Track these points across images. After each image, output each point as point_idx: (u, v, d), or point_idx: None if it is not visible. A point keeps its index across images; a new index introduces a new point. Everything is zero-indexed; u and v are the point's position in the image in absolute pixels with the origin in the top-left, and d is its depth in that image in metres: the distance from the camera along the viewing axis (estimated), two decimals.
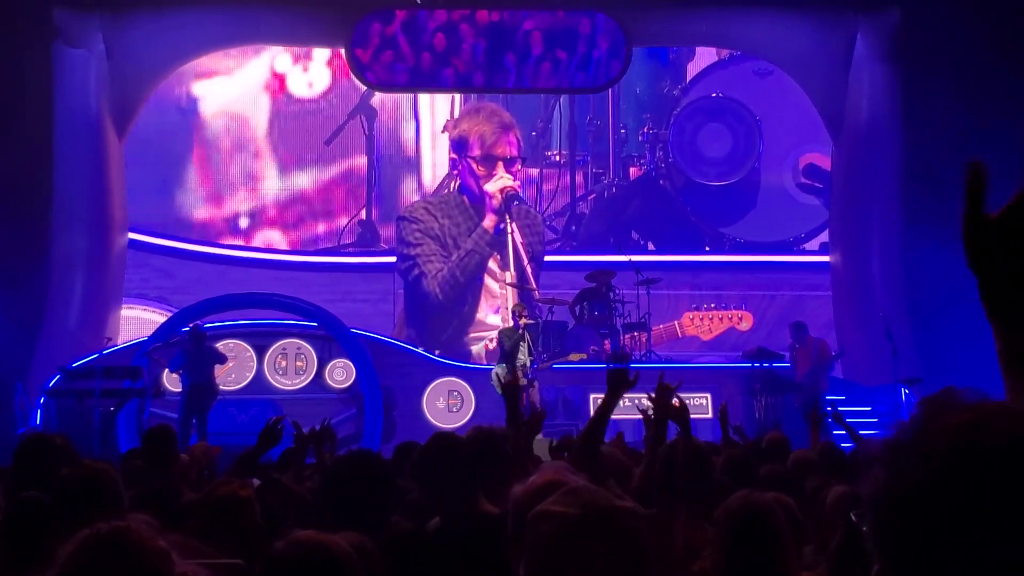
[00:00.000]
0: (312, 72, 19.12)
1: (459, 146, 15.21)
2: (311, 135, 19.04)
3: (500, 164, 14.90)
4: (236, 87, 19.03)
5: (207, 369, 12.63)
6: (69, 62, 14.24)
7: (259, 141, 19.19)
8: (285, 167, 19.20)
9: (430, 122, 19.28)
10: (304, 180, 19.18)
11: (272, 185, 19.20)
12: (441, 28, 14.66)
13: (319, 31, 15.44)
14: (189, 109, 18.98)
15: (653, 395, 5.57)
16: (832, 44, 14.90)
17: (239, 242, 18.68)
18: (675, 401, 5.69)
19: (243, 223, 19.15)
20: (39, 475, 4.79)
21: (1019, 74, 13.85)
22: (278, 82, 19.17)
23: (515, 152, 15.13)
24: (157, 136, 18.28)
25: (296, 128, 19.12)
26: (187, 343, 12.68)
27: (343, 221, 18.91)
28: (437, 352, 14.19)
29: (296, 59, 19.09)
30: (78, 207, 14.37)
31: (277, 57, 19.05)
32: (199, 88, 18.94)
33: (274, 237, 19.11)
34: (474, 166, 14.95)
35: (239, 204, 19.22)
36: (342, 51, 15.46)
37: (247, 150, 19.21)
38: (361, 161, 18.79)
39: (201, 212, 19.09)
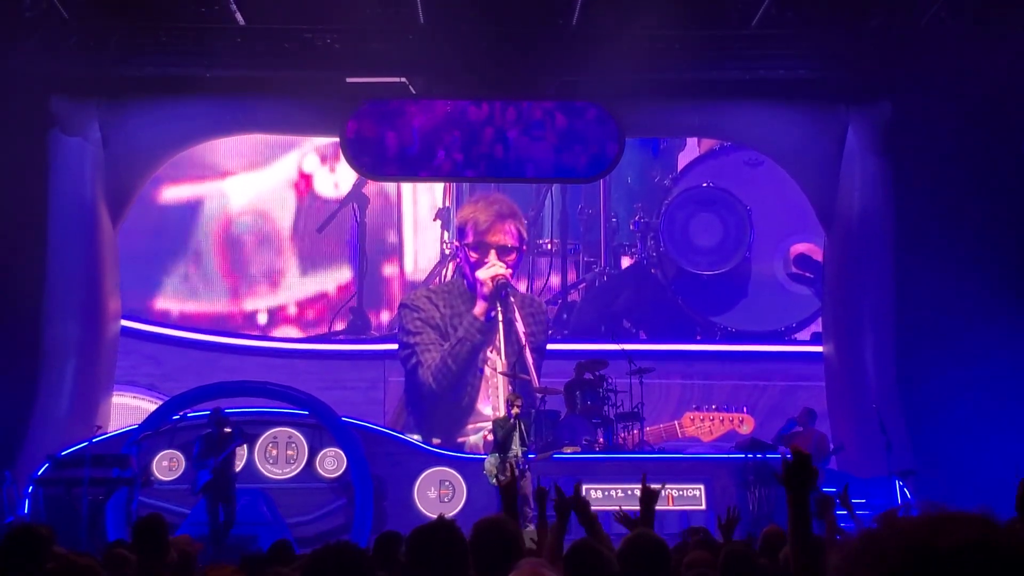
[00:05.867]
0: (338, 173, 19.14)
1: (458, 233, 15.35)
2: (333, 234, 19.05)
3: (493, 252, 14.87)
4: (263, 184, 19.13)
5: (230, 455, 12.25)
6: (65, 149, 14.28)
7: (283, 240, 19.21)
8: (306, 265, 19.18)
9: (412, 209, 19.30)
10: (324, 278, 19.16)
11: (293, 282, 19.17)
12: (434, 118, 14.72)
13: (314, 121, 15.53)
14: (214, 205, 19.03)
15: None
16: (824, 136, 15.01)
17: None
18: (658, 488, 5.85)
19: (262, 319, 19.08)
20: (24, 566, 4.71)
21: (1010, 165, 13.95)
22: (305, 181, 19.28)
23: (512, 242, 15.08)
24: (180, 230, 18.39)
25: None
26: (210, 430, 12.22)
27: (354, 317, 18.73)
28: (436, 441, 14.08)
29: (323, 159, 19.23)
30: (71, 295, 14.33)
31: (306, 157, 19.19)
32: (225, 184, 19.04)
33: (293, 335, 18.93)
34: (468, 252, 14.99)
35: (259, 301, 19.16)
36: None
37: (270, 247, 19.21)
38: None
39: (221, 307, 19.04)
